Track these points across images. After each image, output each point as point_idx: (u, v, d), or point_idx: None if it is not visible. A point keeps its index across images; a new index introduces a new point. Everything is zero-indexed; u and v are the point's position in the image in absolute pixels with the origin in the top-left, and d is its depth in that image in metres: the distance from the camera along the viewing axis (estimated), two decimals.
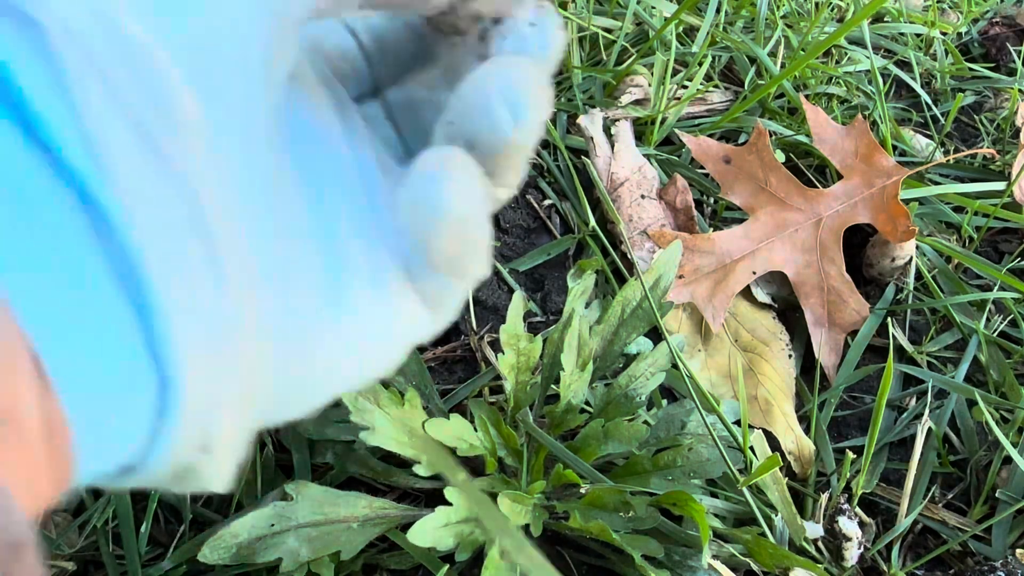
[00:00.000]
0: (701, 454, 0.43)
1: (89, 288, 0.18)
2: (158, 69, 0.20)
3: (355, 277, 0.24)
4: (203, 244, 0.20)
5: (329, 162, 0.25)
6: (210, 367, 0.20)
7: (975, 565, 0.45)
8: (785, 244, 0.57)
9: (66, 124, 0.18)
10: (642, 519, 0.41)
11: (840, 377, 0.53)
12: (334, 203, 0.24)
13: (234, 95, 0.21)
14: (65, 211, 0.18)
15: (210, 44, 0.21)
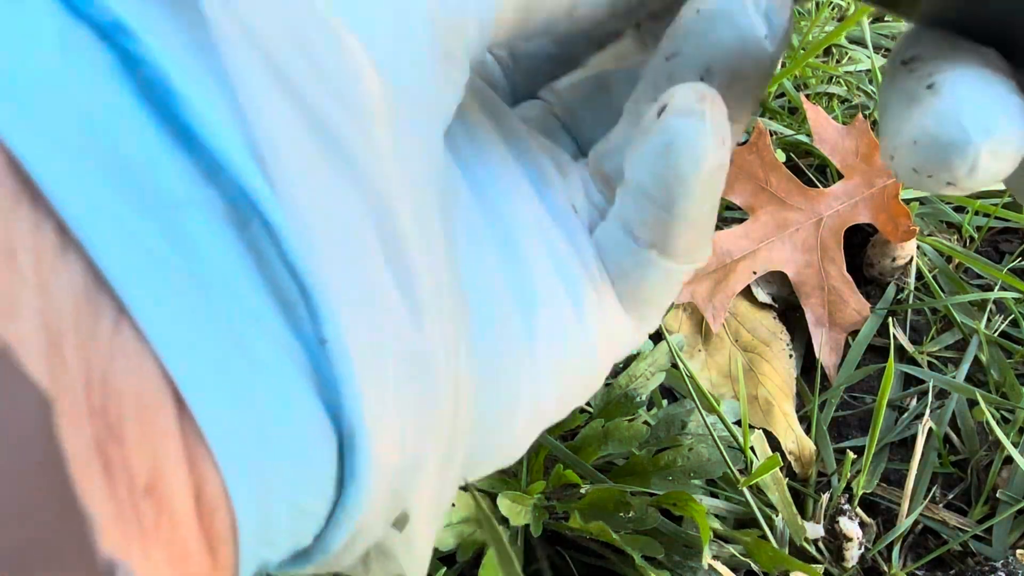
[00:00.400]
0: (701, 454, 0.43)
1: (247, 320, 0.14)
2: (338, 43, 0.15)
3: (548, 293, 0.20)
4: (397, 269, 0.16)
5: (495, 169, 0.21)
6: (405, 421, 0.16)
7: (976, 565, 0.45)
8: (785, 244, 0.57)
9: (221, 114, 0.14)
10: (642, 519, 0.41)
11: (841, 377, 0.53)
12: (508, 213, 0.21)
13: (415, 95, 0.17)
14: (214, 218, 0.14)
15: (386, 33, 0.17)
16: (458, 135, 0.21)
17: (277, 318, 0.14)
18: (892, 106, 0.19)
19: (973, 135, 0.16)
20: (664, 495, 0.40)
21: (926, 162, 0.17)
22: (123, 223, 0.13)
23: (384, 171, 0.16)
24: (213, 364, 0.13)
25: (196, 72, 0.14)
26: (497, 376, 0.19)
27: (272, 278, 0.14)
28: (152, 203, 0.13)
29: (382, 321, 0.15)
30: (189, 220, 0.14)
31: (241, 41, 0.14)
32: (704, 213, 0.20)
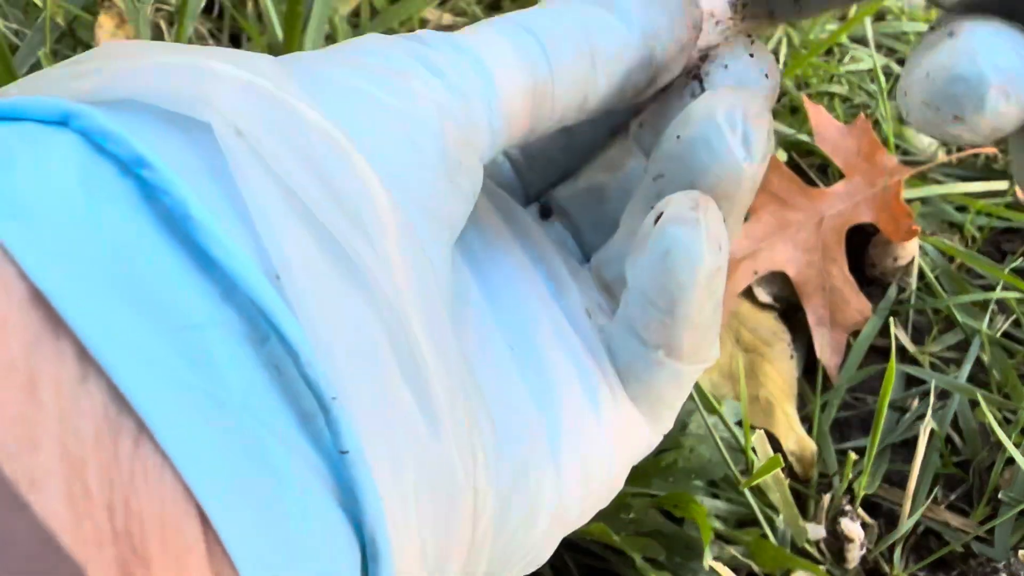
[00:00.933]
0: (702, 455, 0.43)
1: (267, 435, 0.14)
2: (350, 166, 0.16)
3: (569, 399, 0.21)
4: (413, 381, 0.16)
5: (511, 274, 0.22)
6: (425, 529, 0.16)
7: (977, 567, 0.45)
8: (787, 244, 0.57)
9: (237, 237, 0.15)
10: (643, 520, 0.40)
11: (842, 378, 0.53)
12: (526, 317, 0.21)
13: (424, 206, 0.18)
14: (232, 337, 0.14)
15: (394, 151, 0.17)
16: (472, 239, 0.22)
17: (297, 431, 0.15)
18: (914, 55, 0.19)
19: (985, 69, 0.17)
20: (665, 496, 0.40)
21: (936, 94, 0.18)
22: (143, 346, 0.13)
23: (395, 285, 0.16)
24: (235, 480, 0.14)
25: (212, 197, 0.15)
26: (520, 483, 0.20)
27: (291, 392, 0.15)
28: (172, 325, 0.14)
29: (400, 431, 0.16)
30: (208, 340, 0.14)
31: (254, 165, 0.15)
32: (706, 315, 0.21)
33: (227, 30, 0.58)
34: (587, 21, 0.21)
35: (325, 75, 0.18)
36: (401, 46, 0.19)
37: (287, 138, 0.16)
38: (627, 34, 0.22)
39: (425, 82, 0.19)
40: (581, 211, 0.26)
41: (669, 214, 0.20)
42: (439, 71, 0.19)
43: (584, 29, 0.21)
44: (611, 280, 0.24)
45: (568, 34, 0.21)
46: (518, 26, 0.21)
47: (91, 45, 0.53)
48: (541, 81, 0.20)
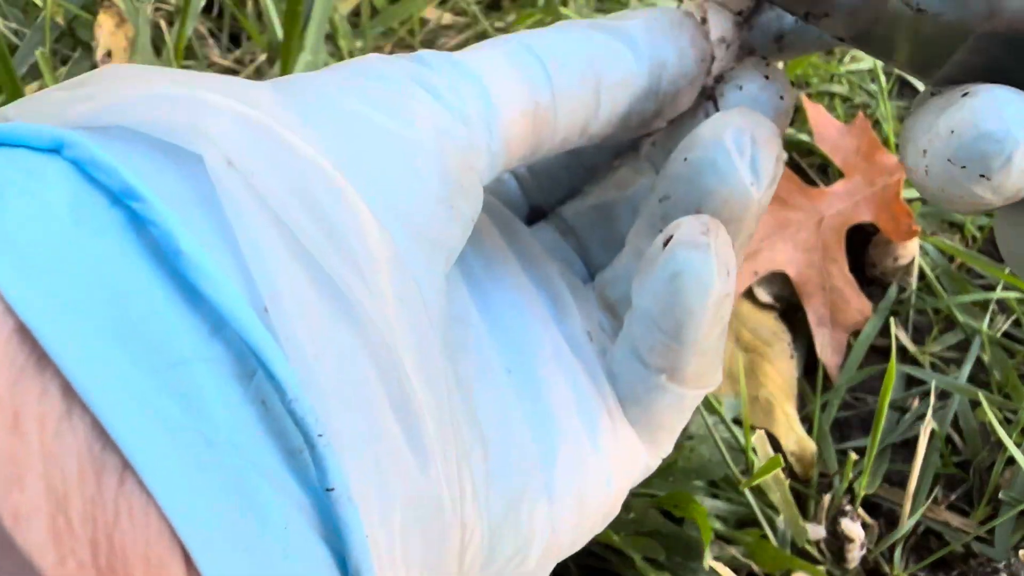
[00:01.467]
0: (703, 455, 0.43)
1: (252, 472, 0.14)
2: (342, 199, 0.16)
3: (566, 425, 0.21)
4: (403, 417, 0.16)
5: (513, 297, 0.22)
6: (411, 565, 0.16)
7: (978, 567, 0.45)
8: (787, 244, 0.57)
9: (226, 271, 0.15)
10: (643, 520, 0.40)
11: (843, 378, 0.53)
12: (526, 340, 0.21)
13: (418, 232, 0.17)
14: (219, 373, 0.14)
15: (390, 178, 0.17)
16: (474, 260, 0.22)
17: (283, 468, 0.14)
18: (922, 119, 0.19)
19: (1013, 127, 0.17)
20: (665, 496, 0.40)
21: (962, 150, 0.17)
22: (128, 382, 0.13)
23: (386, 319, 0.16)
24: (219, 519, 0.14)
25: (202, 229, 0.15)
26: (512, 516, 0.19)
27: (277, 428, 0.14)
28: (158, 361, 0.14)
29: (387, 467, 0.15)
30: (195, 376, 0.14)
31: (245, 197, 0.15)
32: (712, 341, 0.20)
33: (227, 29, 0.58)
34: (593, 47, 0.21)
35: (323, 100, 0.18)
36: (401, 67, 0.19)
37: (280, 171, 0.16)
38: (633, 63, 0.21)
39: (425, 104, 0.18)
40: (589, 229, 0.25)
41: (679, 237, 0.20)
42: (439, 93, 0.19)
43: (590, 55, 0.21)
44: (615, 300, 0.23)
45: (573, 59, 0.21)
46: (522, 47, 0.20)
47: (91, 45, 0.53)
48: (543, 106, 0.20)
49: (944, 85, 0.21)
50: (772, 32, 0.24)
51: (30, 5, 0.55)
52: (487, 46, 0.21)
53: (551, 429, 0.21)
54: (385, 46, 0.60)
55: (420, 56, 0.20)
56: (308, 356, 0.15)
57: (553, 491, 0.20)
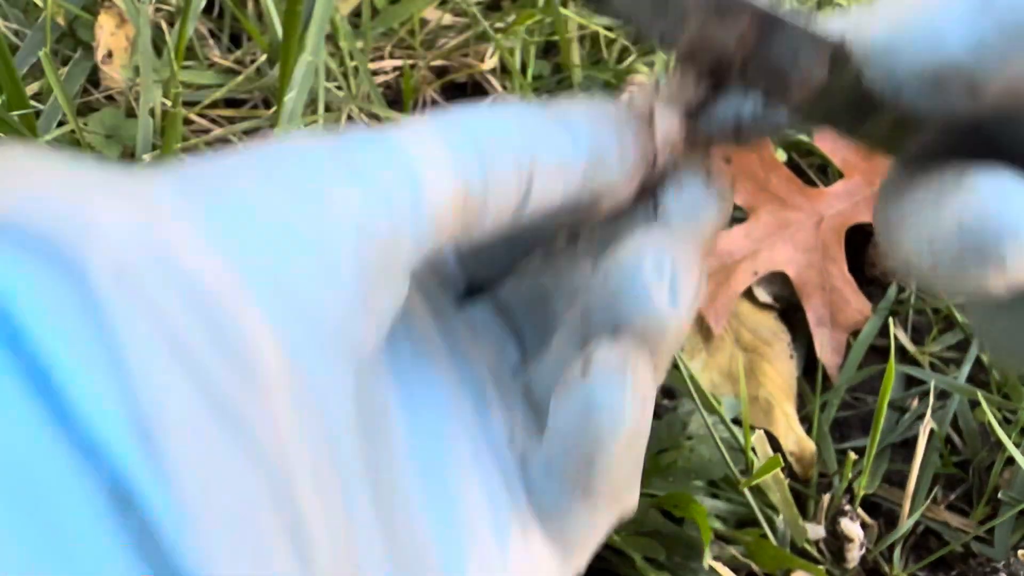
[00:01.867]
0: (702, 455, 0.43)
1: None
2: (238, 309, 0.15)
3: (477, 532, 0.20)
4: (293, 536, 0.15)
5: (436, 393, 0.21)
6: None
7: (977, 566, 0.45)
8: (786, 244, 0.57)
9: (109, 397, 0.13)
10: (643, 520, 0.40)
11: (842, 377, 0.53)
12: (444, 442, 0.20)
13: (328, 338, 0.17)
14: (95, 516, 0.13)
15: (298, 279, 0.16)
16: (403, 345, 0.21)
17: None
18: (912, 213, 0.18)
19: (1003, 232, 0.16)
20: (665, 496, 0.40)
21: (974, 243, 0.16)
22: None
23: (281, 439, 0.15)
24: None
25: (85, 347, 0.14)
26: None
27: (157, 564, 0.13)
28: (28, 499, 0.13)
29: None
30: (65, 512, 0.13)
31: (137, 314, 0.14)
32: (626, 469, 0.20)
33: (227, 30, 0.58)
34: (532, 132, 0.20)
35: (230, 194, 0.17)
36: (325, 149, 0.18)
37: (172, 283, 0.15)
38: (572, 152, 0.21)
39: (344, 192, 0.18)
40: (523, 311, 0.25)
41: (596, 369, 0.19)
42: (363, 177, 0.18)
43: (526, 141, 0.20)
44: (540, 399, 0.23)
45: (509, 144, 0.20)
46: (458, 127, 0.20)
47: (91, 45, 0.53)
48: (474, 191, 0.19)
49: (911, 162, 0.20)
50: (729, 122, 0.23)
51: (31, 6, 0.55)
52: (422, 123, 0.20)
53: (461, 539, 0.20)
54: (385, 46, 0.60)
55: (348, 136, 0.19)
56: (189, 490, 0.14)
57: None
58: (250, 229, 0.16)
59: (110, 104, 0.53)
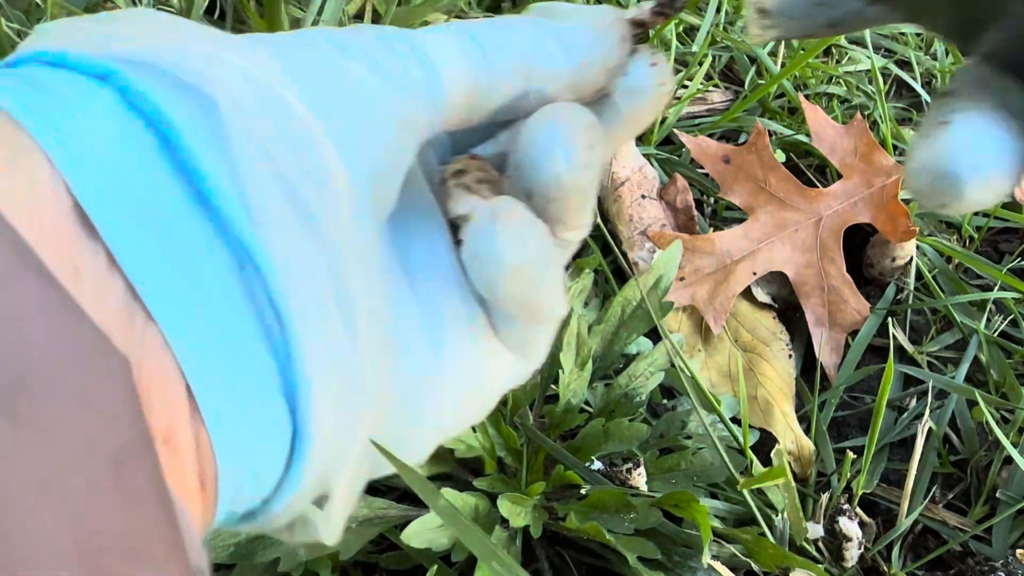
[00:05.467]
0: (704, 458, 0.43)
1: (237, 335, 0.19)
2: (316, 144, 0.21)
3: (451, 332, 0.25)
4: (343, 306, 0.21)
5: (422, 221, 0.26)
6: (339, 422, 0.21)
7: (975, 565, 0.45)
8: (785, 244, 0.57)
9: (230, 187, 0.19)
10: (643, 520, 0.41)
11: (840, 377, 0.53)
12: (425, 263, 0.25)
13: (370, 172, 0.22)
14: (220, 261, 0.19)
15: (356, 123, 0.22)
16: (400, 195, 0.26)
17: (259, 334, 0.19)
18: (919, 134, 0.22)
19: (962, 170, 0.21)
20: (665, 496, 0.40)
21: (926, 187, 0.21)
22: (152, 256, 0.18)
23: (340, 235, 0.21)
24: (211, 364, 0.19)
25: (214, 154, 0.19)
26: (409, 394, 0.24)
27: (258, 306, 0.19)
28: (177, 248, 0.19)
29: (330, 344, 0.20)
30: (201, 261, 0.19)
31: (244, 133, 0.20)
32: (527, 292, 0.24)
33: (228, 30, 0.59)
34: (530, 44, 0.25)
35: (308, 61, 0.22)
36: (370, 42, 0.24)
37: (272, 117, 0.20)
38: (564, 63, 0.25)
39: (384, 77, 0.23)
40: None
41: (472, 226, 0.24)
42: (396, 68, 0.23)
43: (524, 51, 0.25)
44: None
45: (509, 52, 0.25)
46: (470, 38, 0.25)
47: None
48: (480, 88, 0.24)
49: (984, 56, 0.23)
50: None
51: (33, 6, 0.55)
52: (440, 34, 0.25)
53: (443, 334, 0.25)
54: None
55: (384, 31, 0.24)
56: (282, 257, 0.19)
57: (442, 382, 0.25)
58: (325, 86, 0.22)
59: None
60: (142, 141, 0.19)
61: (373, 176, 0.23)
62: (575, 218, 0.25)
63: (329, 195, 0.21)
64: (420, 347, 0.24)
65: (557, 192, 0.24)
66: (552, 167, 0.24)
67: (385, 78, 0.23)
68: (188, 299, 0.18)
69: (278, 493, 0.21)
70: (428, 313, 0.25)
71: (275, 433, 0.20)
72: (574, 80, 0.26)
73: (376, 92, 0.23)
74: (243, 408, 0.19)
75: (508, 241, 0.23)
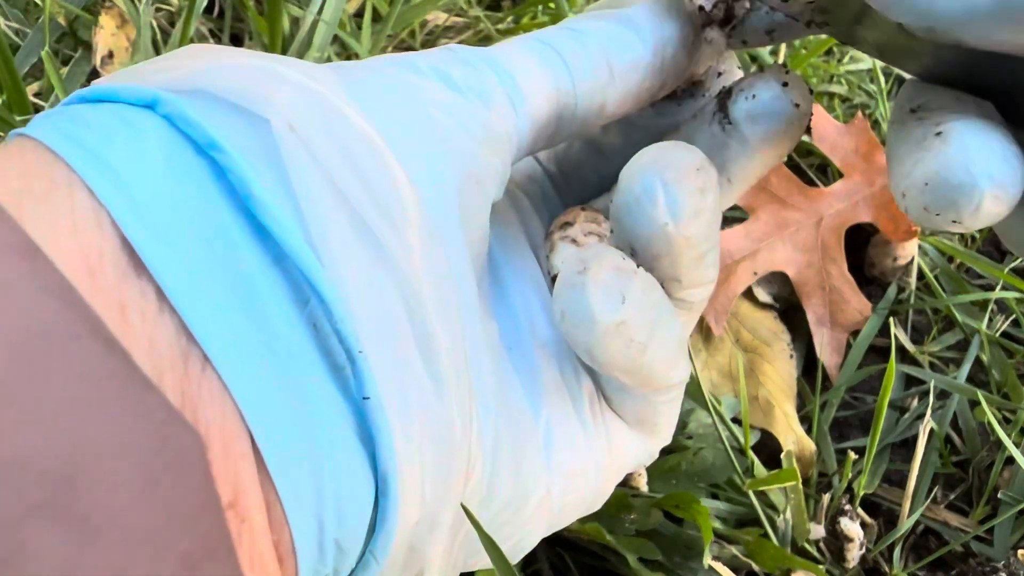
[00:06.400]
0: (705, 459, 0.43)
1: (305, 378, 0.17)
2: (384, 165, 0.19)
3: (556, 400, 0.22)
4: (423, 347, 0.18)
5: (520, 281, 0.23)
6: (427, 478, 0.18)
7: (977, 566, 0.45)
8: (786, 244, 0.57)
9: (287, 214, 0.17)
10: (643, 520, 0.41)
11: (842, 377, 0.53)
12: (525, 322, 0.23)
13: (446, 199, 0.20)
14: (281, 295, 0.17)
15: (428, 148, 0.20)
16: (493, 241, 0.23)
17: (329, 377, 0.17)
18: (902, 149, 0.20)
19: (979, 180, 0.18)
20: (666, 496, 0.40)
21: (935, 202, 0.19)
22: (208, 294, 0.16)
23: (413, 267, 0.19)
24: (280, 413, 0.16)
25: (268, 179, 0.18)
26: (514, 460, 0.21)
27: (325, 345, 0.17)
28: (233, 281, 0.17)
29: (411, 387, 0.18)
30: (262, 297, 0.17)
31: (302, 156, 0.18)
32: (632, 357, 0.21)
33: (228, 30, 0.58)
34: (604, 37, 0.23)
35: (372, 83, 0.20)
36: (439, 58, 0.22)
37: (332, 136, 0.19)
38: (641, 48, 0.23)
39: (459, 91, 0.21)
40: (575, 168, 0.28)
41: (560, 278, 0.21)
42: (472, 79, 0.21)
43: (601, 45, 0.23)
44: None
45: (587, 50, 0.23)
46: (541, 43, 0.23)
47: (91, 45, 0.53)
48: (564, 91, 0.22)
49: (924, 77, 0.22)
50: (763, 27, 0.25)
51: (31, 5, 0.55)
52: (509, 43, 0.23)
53: (543, 404, 0.22)
54: (387, 48, 0.60)
55: (454, 49, 0.22)
56: (350, 290, 0.17)
57: (550, 457, 0.22)
58: (387, 105, 0.20)
59: None
60: (191, 168, 0.17)
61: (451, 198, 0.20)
62: (691, 275, 0.22)
63: (401, 222, 0.19)
64: (521, 414, 0.21)
65: (665, 246, 0.21)
66: (656, 217, 0.21)
67: (460, 91, 0.21)
68: (248, 338, 0.16)
69: (363, 563, 0.18)
70: (524, 380, 0.22)
71: (356, 492, 0.17)
72: (656, 64, 0.24)
73: (453, 106, 0.21)
74: (317, 464, 0.17)
75: (600, 295, 0.20)
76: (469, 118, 0.21)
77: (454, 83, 0.21)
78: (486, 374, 0.21)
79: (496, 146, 0.21)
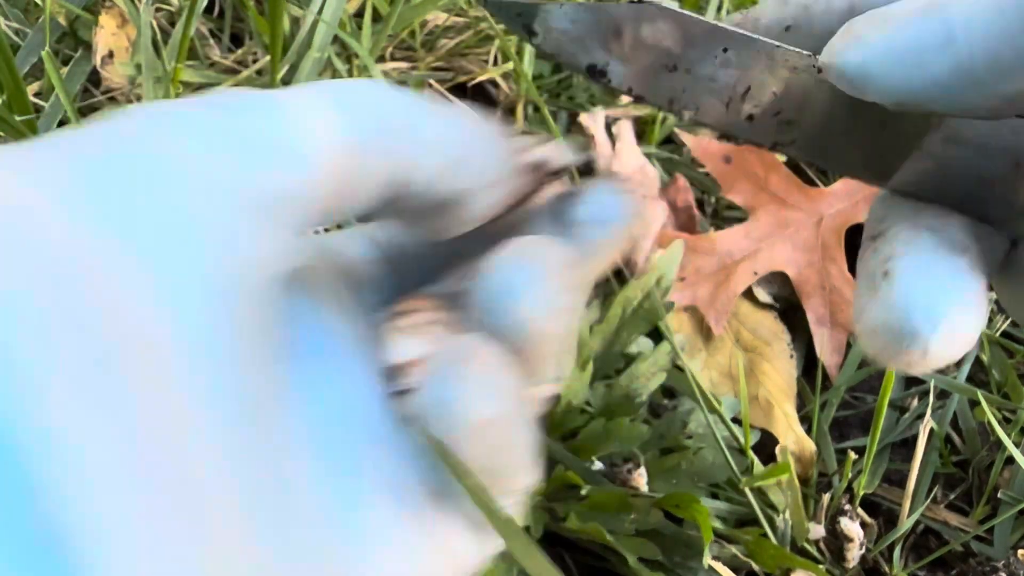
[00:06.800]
0: (705, 458, 0.43)
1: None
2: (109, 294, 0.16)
3: (375, 504, 0.20)
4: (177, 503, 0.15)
5: (333, 374, 0.21)
6: None
7: (977, 566, 0.45)
8: (786, 244, 0.57)
9: None
10: (644, 520, 0.41)
11: (842, 377, 0.53)
12: (340, 419, 0.20)
13: (212, 304, 0.17)
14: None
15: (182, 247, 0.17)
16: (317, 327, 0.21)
17: None
18: (861, 285, 0.20)
19: (921, 328, 0.18)
20: (666, 496, 0.40)
21: (884, 350, 0.19)
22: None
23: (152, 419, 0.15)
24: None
25: None
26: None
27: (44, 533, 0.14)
28: None
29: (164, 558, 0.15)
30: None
31: None
32: (497, 461, 0.19)
33: (228, 30, 0.59)
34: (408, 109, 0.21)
35: (110, 163, 0.17)
36: (208, 107, 0.19)
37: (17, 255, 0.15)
38: (445, 134, 0.21)
39: (229, 149, 0.18)
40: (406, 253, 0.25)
41: (429, 369, 0.19)
42: (251, 134, 0.18)
43: (402, 115, 0.21)
44: None
45: (384, 114, 0.21)
46: (337, 96, 0.20)
47: (92, 45, 0.53)
48: (350, 153, 0.20)
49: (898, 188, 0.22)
50: None
51: (32, 5, 0.55)
52: (308, 89, 0.20)
53: (357, 507, 0.20)
54: (387, 47, 0.60)
55: (231, 99, 0.19)
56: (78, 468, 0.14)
57: (369, 562, 0.19)
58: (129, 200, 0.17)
59: (111, 104, 0.53)
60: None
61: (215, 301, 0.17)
62: (547, 370, 0.21)
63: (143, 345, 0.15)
64: (327, 523, 0.19)
65: (528, 341, 0.20)
66: (524, 312, 0.20)
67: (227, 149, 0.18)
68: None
69: None
70: (341, 475, 0.19)
71: None
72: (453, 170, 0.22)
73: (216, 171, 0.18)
74: None
75: (475, 391, 0.19)
76: (239, 183, 0.18)
77: (212, 134, 0.18)
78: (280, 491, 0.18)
79: (278, 212, 0.19)
